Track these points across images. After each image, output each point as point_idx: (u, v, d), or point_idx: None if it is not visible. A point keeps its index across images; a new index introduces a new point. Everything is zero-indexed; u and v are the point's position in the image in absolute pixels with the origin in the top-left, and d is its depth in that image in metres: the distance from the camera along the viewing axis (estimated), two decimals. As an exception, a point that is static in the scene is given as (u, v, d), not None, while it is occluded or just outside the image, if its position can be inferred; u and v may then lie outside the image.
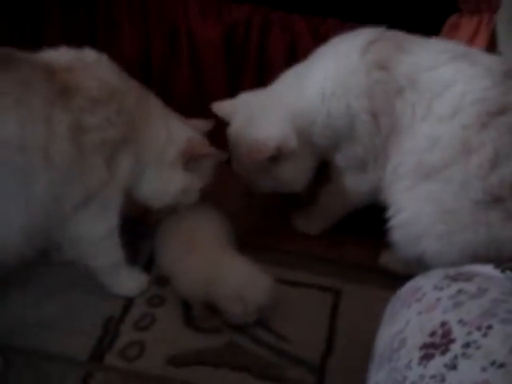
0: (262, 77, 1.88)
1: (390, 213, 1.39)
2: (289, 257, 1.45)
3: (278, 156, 1.46)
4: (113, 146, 1.28)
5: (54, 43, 1.31)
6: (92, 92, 1.24)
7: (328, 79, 1.42)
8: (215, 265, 1.39)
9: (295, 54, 1.83)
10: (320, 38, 1.79)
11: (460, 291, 0.92)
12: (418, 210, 1.35)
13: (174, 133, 1.41)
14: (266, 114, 1.49)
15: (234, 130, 1.52)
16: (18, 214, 1.17)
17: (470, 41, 1.66)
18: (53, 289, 1.45)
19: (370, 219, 1.48)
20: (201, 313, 1.41)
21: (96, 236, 1.35)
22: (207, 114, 1.57)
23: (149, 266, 1.54)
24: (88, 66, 1.29)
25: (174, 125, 1.42)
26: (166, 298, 1.46)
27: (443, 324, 0.85)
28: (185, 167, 1.41)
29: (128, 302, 1.45)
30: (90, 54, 1.32)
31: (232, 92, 1.92)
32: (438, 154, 1.32)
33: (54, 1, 1.89)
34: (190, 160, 1.41)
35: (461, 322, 0.84)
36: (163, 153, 1.39)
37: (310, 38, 1.81)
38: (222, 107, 1.55)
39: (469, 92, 1.31)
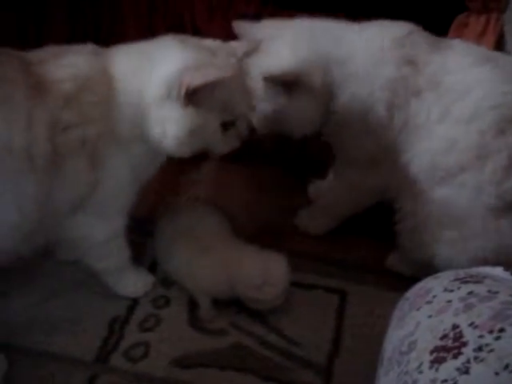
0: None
1: (398, 216, 1.38)
2: (293, 258, 1.43)
3: (294, 85, 1.37)
4: (94, 143, 1.18)
5: (58, 38, 1.29)
6: (65, 85, 1.14)
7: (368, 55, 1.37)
8: (234, 258, 1.39)
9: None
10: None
11: (470, 293, 0.91)
12: (428, 215, 1.33)
13: (163, 65, 1.19)
14: (301, 44, 1.41)
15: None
16: (7, 210, 1.11)
17: (478, 40, 1.65)
18: (58, 289, 1.44)
19: (377, 220, 1.47)
20: (209, 313, 1.40)
21: (98, 238, 1.30)
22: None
23: (154, 264, 1.52)
24: (62, 56, 1.19)
25: (164, 55, 1.21)
26: (171, 299, 1.45)
27: (454, 327, 0.84)
28: (185, 103, 1.16)
29: (133, 303, 1.44)
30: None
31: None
32: (454, 157, 1.29)
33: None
34: (187, 94, 1.15)
35: (472, 324, 0.83)
36: (148, 94, 1.18)
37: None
38: (243, 27, 1.44)
39: (488, 97, 1.28)
